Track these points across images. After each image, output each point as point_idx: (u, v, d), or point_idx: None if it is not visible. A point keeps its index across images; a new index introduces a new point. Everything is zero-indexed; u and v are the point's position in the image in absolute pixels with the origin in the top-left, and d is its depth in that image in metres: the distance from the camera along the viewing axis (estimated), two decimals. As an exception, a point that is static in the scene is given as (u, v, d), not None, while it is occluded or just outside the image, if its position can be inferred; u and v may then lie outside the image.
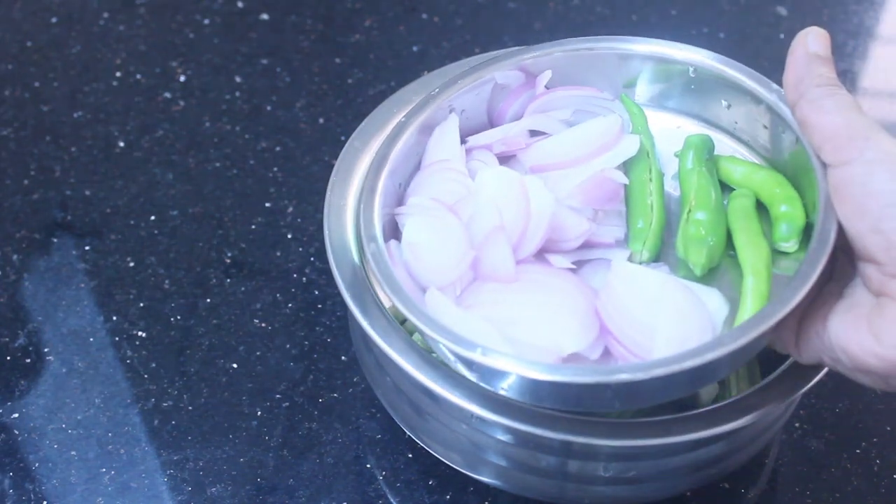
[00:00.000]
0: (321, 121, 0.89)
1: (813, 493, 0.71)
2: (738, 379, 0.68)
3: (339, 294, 0.64)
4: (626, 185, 0.64)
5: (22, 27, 0.94)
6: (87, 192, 0.84)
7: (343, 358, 0.76)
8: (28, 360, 0.76)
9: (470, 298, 0.59)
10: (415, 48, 0.95)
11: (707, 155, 0.64)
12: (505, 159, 0.66)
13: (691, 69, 0.65)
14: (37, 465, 0.71)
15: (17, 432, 0.72)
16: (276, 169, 0.86)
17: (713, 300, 0.59)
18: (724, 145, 0.66)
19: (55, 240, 0.82)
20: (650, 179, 0.64)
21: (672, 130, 0.67)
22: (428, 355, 0.61)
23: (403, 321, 0.72)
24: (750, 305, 0.58)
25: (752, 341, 0.54)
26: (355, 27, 0.96)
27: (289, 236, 0.82)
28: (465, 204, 0.61)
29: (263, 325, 0.77)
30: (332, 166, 0.68)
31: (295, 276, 0.80)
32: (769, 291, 0.58)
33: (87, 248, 0.81)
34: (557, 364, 0.56)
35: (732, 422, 0.60)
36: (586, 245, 0.62)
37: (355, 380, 0.75)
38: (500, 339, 0.57)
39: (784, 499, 0.71)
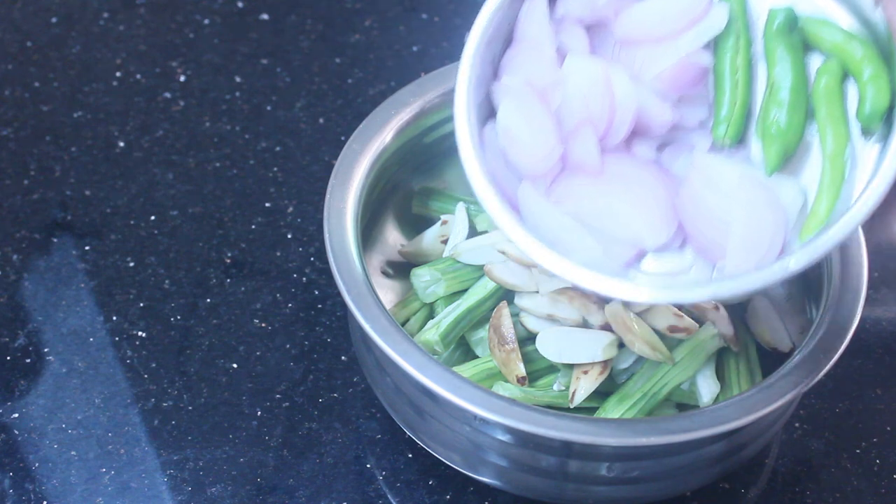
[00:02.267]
0: (321, 121, 0.89)
1: (813, 493, 0.71)
2: (738, 378, 0.68)
3: (339, 294, 0.64)
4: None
5: (22, 27, 0.94)
6: (87, 192, 0.84)
7: (343, 358, 0.76)
8: (28, 360, 0.76)
9: (559, 191, 0.60)
10: (415, 48, 0.95)
11: (792, 29, 0.61)
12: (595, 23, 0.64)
13: None
14: (37, 465, 0.71)
15: (17, 432, 0.72)
16: (276, 169, 0.86)
17: (790, 190, 0.59)
18: (818, 2, 0.61)
19: (55, 240, 0.82)
20: (737, 53, 0.61)
21: None
22: (429, 356, 0.61)
23: (405, 322, 0.72)
24: (825, 203, 0.57)
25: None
26: (355, 27, 0.96)
27: (289, 236, 0.82)
28: (554, 92, 0.61)
29: (263, 325, 0.77)
30: (332, 166, 0.69)
31: (295, 276, 0.80)
32: (843, 183, 0.58)
33: (87, 248, 0.81)
34: (621, 283, 0.58)
35: (733, 421, 0.60)
36: (670, 129, 0.62)
37: (355, 380, 0.75)
38: (587, 236, 0.59)
39: (784, 499, 0.71)
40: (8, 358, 0.76)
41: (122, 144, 0.87)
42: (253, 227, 0.83)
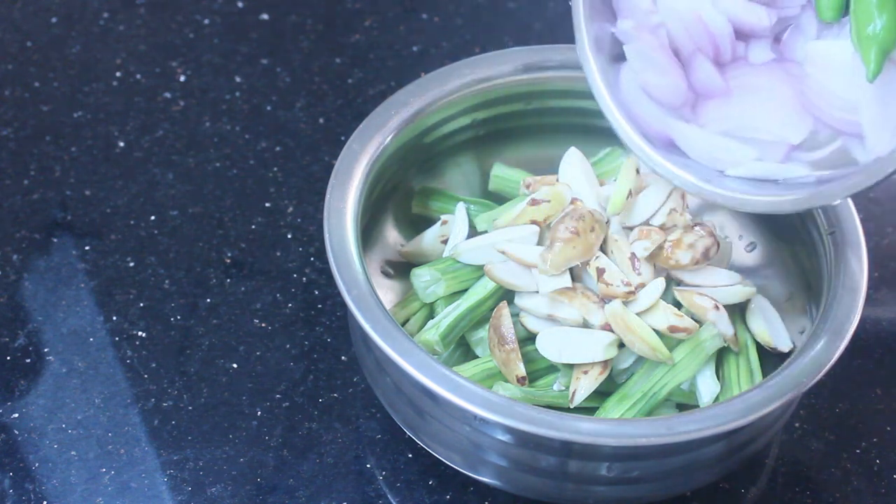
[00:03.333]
0: (321, 121, 0.89)
1: (813, 493, 0.71)
2: (738, 378, 0.68)
3: (339, 294, 0.64)
4: None
5: (22, 27, 0.94)
6: (87, 192, 0.84)
7: (343, 358, 0.76)
8: (28, 360, 0.76)
9: (702, 116, 0.65)
10: (415, 48, 0.95)
11: None
12: None
13: None
14: (37, 465, 0.71)
15: (17, 432, 0.72)
16: (276, 169, 0.86)
17: None
18: None
19: (55, 240, 0.82)
20: None
21: None
22: (429, 356, 0.61)
23: (405, 322, 0.72)
24: None
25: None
26: (355, 27, 0.96)
27: (289, 236, 0.82)
28: (661, 29, 0.64)
29: (263, 325, 0.77)
30: (332, 166, 0.69)
31: (295, 276, 0.80)
32: None
33: (87, 248, 0.81)
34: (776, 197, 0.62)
35: (733, 421, 0.60)
36: (777, 21, 0.64)
37: (355, 380, 0.75)
38: (742, 147, 0.64)
39: (784, 499, 0.71)
40: (8, 358, 0.76)
41: (122, 144, 0.87)
42: (253, 227, 0.83)
